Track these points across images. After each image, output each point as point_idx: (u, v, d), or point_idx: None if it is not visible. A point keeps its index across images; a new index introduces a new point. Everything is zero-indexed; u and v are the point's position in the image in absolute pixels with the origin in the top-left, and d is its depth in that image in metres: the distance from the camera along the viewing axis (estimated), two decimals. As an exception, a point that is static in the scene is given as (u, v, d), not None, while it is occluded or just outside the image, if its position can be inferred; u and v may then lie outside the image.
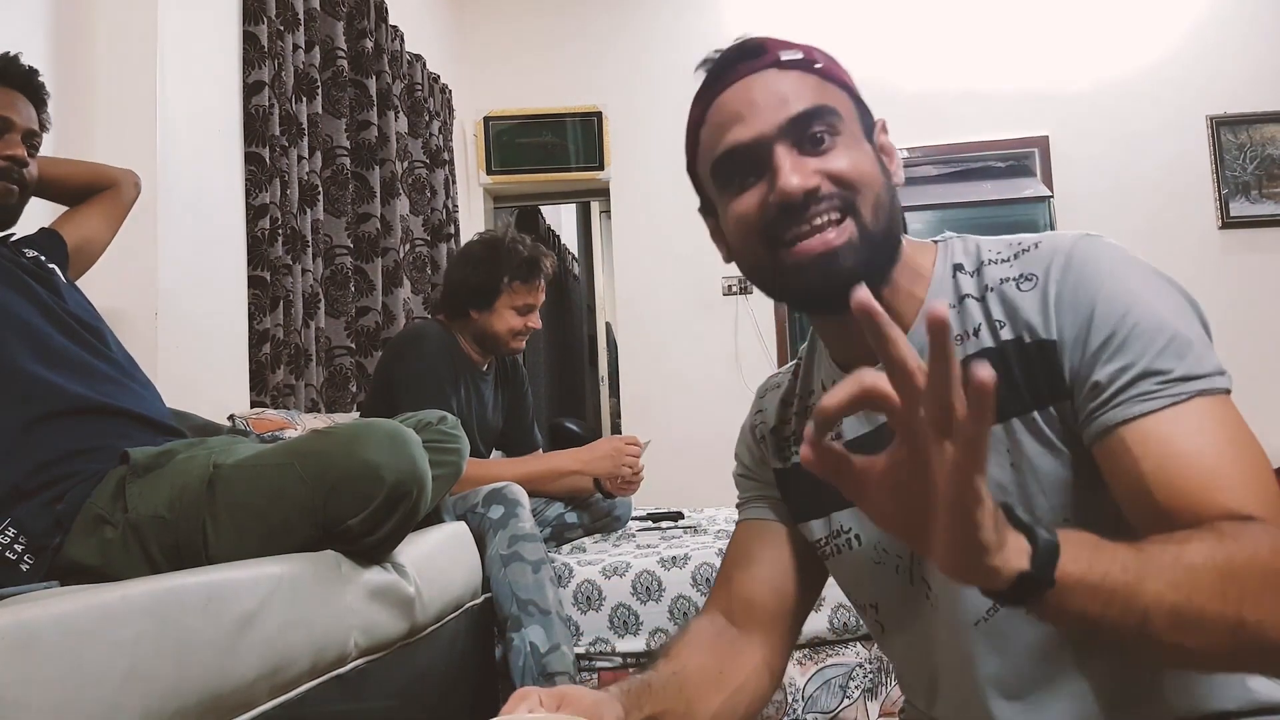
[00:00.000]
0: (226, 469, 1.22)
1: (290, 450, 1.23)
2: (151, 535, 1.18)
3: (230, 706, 0.91)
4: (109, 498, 1.22)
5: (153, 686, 0.79)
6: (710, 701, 0.89)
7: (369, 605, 1.20)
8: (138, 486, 1.22)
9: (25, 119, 1.36)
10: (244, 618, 0.93)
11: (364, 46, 3.05)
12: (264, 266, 2.35)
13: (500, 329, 2.26)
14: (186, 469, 1.24)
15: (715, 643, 0.94)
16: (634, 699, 0.83)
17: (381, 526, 1.20)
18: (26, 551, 1.16)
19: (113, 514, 1.20)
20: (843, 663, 1.79)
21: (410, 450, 1.21)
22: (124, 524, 1.19)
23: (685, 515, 2.67)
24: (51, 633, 0.72)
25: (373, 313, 2.98)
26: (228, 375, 2.26)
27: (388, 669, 1.25)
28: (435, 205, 3.63)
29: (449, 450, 1.59)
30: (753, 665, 0.94)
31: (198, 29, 2.23)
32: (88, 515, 1.21)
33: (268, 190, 2.38)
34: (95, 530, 1.20)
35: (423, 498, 1.23)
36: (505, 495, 1.96)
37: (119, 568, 1.17)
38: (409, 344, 2.25)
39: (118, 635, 0.77)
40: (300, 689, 1.03)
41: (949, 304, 0.81)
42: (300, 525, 1.17)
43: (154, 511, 1.19)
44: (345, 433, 1.23)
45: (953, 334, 0.57)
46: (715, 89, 0.84)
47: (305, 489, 1.17)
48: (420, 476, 1.22)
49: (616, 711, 0.79)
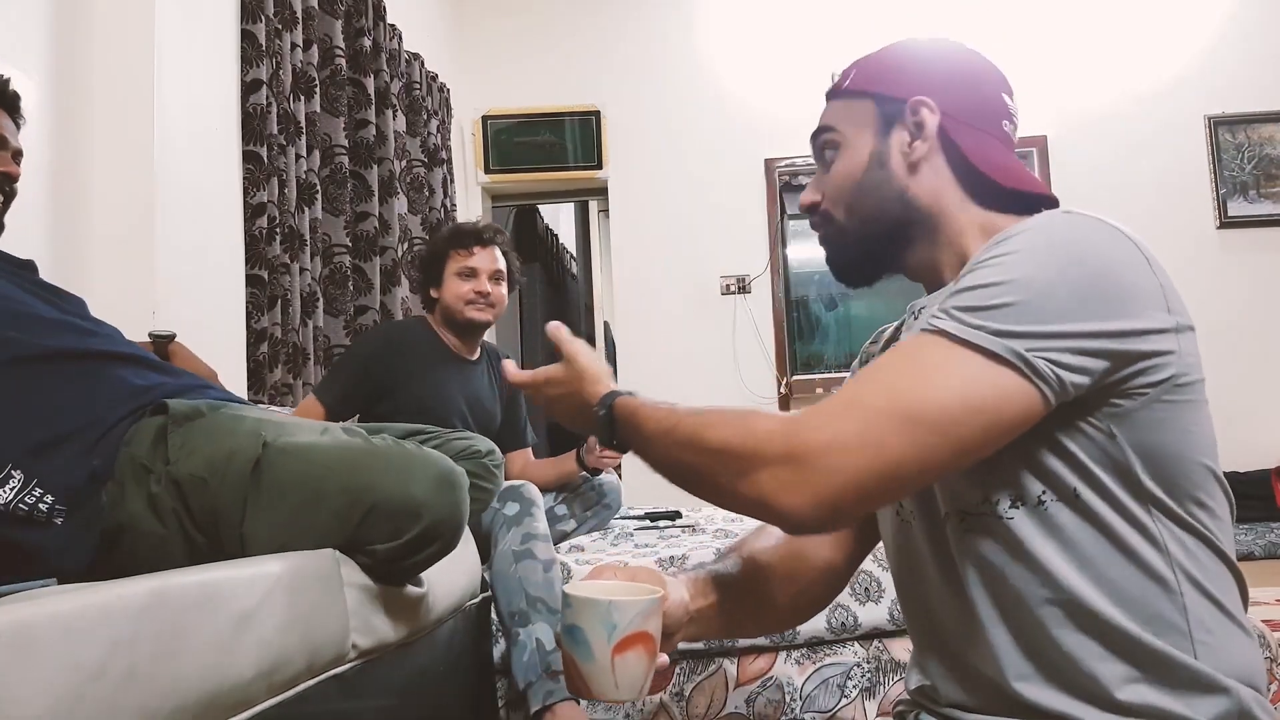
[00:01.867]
0: (275, 451, 1.19)
1: (341, 456, 1.20)
2: (192, 493, 1.17)
3: (228, 705, 0.90)
4: (149, 447, 1.19)
5: (150, 685, 0.79)
6: (775, 595, 1.02)
7: (368, 605, 1.20)
8: (180, 436, 1.20)
9: (13, 137, 1.41)
10: (242, 616, 0.93)
11: (362, 45, 3.04)
12: (262, 265, 2.35)
13: (450, 298, 2.35)
14: (234, 432, 1.21)
15: (786, 542, 1.06)
16: (700, 586, 0.98)
17: (407, 559, 1.19)
18: (58, 504, 1.14)
19: (154, 464, 1.18)
20: (841, 662, 1.79)
21: (457, 495, 1.19)
22: (165, 476, 1.17)
23: (683, 514, 2.67)
24: (49, 631, 0.72)
25: (371, 311, 2.98)
26: (226, 374, 2.25)
27: (386, 668, 1.25)
28: (433, 204, 3.63)
29: (483, 489, 1.61)
30: (817, 568, 1.05)
31: (195, 27, 2.22)
32: (131, 465, 1.18)
33: (265, 189, 2.38)
34: (143, 482, 1.18)
35: (455, 541, 1.22)
36: (522, 494, 1.96)
37: (171, 528, 1.16)
38: (360, 337, 2.41)
39: (116, 634, 0.77)
40: (299, 688, 1.03)
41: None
42: (330, 532, 1.16)
43: (194, 470, 1.17)
44: (398, 458, 1.20)
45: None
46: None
47: (344, 500, 1.15)
48: (459, 523, 1.20)
49: (684, 594, 0.93)
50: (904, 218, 0.92)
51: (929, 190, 0.92)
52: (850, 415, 0.73)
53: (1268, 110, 4.24)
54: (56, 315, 1.31)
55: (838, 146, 0.95)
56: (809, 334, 4.54)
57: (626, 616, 0.74)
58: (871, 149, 0.93)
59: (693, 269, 4.39)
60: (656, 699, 1.77)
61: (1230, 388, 4.19)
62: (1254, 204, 4.25)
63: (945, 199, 0.92)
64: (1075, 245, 0.75)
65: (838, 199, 0.95)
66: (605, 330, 4.79)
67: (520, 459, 2.52)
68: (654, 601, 0.76)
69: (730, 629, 1.03)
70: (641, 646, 0.75)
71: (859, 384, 0.76)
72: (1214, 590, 0.77)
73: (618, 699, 0.77)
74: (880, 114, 0.94)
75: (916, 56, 0.96)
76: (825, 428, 0.73)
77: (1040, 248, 0.75)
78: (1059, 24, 4.36)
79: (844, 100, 0.97)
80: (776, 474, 0.72)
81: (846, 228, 0.95)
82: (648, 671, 0.76)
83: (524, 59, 4.57)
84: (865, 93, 0.95)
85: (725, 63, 4.47)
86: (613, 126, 4.49)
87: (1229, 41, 4.28)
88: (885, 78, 0.95)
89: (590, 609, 0.75)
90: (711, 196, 4.37)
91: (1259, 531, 3.66)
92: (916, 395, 0.72)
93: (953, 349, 0.73)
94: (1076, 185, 4.24)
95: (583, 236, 5.50)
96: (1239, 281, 4.20)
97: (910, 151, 0.92)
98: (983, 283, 0.74)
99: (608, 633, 0.74)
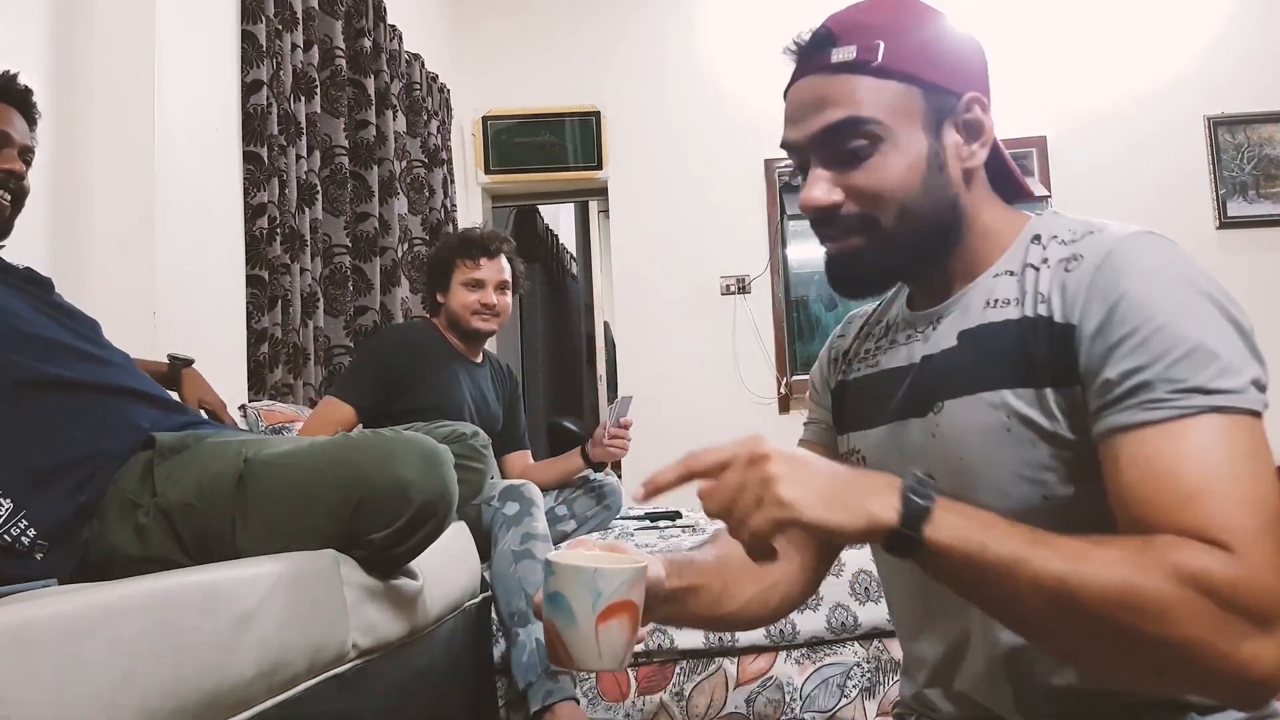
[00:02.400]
0: (257, 464, 1.20)
1: (323, 455, 1.22)
2: (181, 520, 1.18)
3: (228, 705, 0.91)
4: (136, 481, 1.21)
5: (151, 685, 0.79)
6: (745, 588, 0.96)
7: (368, 604, 1.20)
8: (165, 469, 1.21)
9: (21, 135, 1.39)
10: (242, 616, 0.93)
11: (362, 46, 3.04)
12: (262, 266, 2.35)
13: (456, 307, 2.37)
14: (217, 456, 1.23)
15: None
16: (676, 568, 0.91)
17: (405, 543, 1.20)
18: (39, 539, 1.15)
19: (141, 497, 1.19)
20: (840, 662, 1.79)
21: (442, 471, 1.20)
22: (153, 508, 1.18)
23: (683, 514, 2.67)
24: (49, 631, 0.72)
25: (371, 312, 2.98)
26: (226, 374, 2.26)
27: (386, 668, 1.25)
28: (433, 204, 3.63)
29: (472, 469, 1.61)
30: (789, 567, 0.99)
31: (196, 28, 2.22)
32: (118, 500, 1.20)
33: (266, 189, 2.38)
34: (128, 515, 1.19)
35: (449, 518, 1.23)
36: (522, 493, 1.96)
37: (157, 552, 1.16)
38: (367, 338, 2.43)
39: (116, 634, 0.77)
40: (298, 688, 1.03)
41: (1010, 270, 0.82)
42: (325, 531, 1.17)
43: (183, 498, 1.18)
44: (380, 446, 1.21)
45: (1005, 297, 0.80)
46: (790, 79, 0.88)
47: (335, 496, 1.16)
48: (449, 498, 1.21)
49: (659, 570, 0.87)
50: (952, 227, 0.84)
51: (978, 199, 0.85)
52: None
53: (1268, 110, 4.24)
54: (69, 340, 1.32)
55: (880, 141, 0.80)
56: (809, 334, 4.54)
57: (612, 585, 0.73)
58: (927, 149, 0.81)
59: (693, 269, 4.38)
60: (657, 699, 1.77)
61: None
62: (1254, 204, 4.25)
63: (987, 208, 0.86)
64: (1205, 281, 0.74)
65: (887, 203, 0.81)
66: (605, 330, 4.79)
67: (520, 461, 2.54)
68: (639, 570, 0.76)
69: (702, 616, 0.97)
70: (626, 615, 0.74)
71: (1229, 487, 0.65)
72: None
73: (600, 668, 0.76)
74: (929, 107, 0.82)
75: (948, 35, 0.85)
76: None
77: (1190, 293, 0.72)
78: (1059, 24, 4.36)
79: (876, 81, 0.81)
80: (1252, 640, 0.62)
81: (895, 236, 0.82)
82: (630, 641, 0.76)
83: (524, 59, 4.57)
84: (909, 76, 0.81)
85: (725, 63, 4.47)
86: (613, 126, 4.49)
87: (1229, 41, 4.28)
88: (931, 62, 0.82)
89: (575, 576, 0.74)
90: (711, 196, 4.37)
91: (1259, 531, 3.65)
92: (1261, 495, 0.65)
93: (1235, 422, 0.67)
94: (1076, 185, 4.24)
95: (583, 237, 5.50)
96: (1239, 281, 4.12)
97: (967, 157, 0.83)
98: (1189, 347, 0.69)
99: (593, 600, 0.73)
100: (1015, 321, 0.79)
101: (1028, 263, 0.81)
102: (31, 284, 1.39)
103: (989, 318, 0.81)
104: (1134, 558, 0.63)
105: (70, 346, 1.31)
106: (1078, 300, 0.75)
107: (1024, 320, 0.78)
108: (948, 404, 0.82)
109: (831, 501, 0.67)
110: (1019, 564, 0.64)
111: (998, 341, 0.79)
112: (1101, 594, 0.62)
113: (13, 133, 1.39)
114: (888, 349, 0.93)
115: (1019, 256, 0.82)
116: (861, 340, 1.00)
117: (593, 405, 4.95)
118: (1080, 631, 0.65)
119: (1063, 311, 0.75)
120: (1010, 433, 0.77)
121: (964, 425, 0.80)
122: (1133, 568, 0.62)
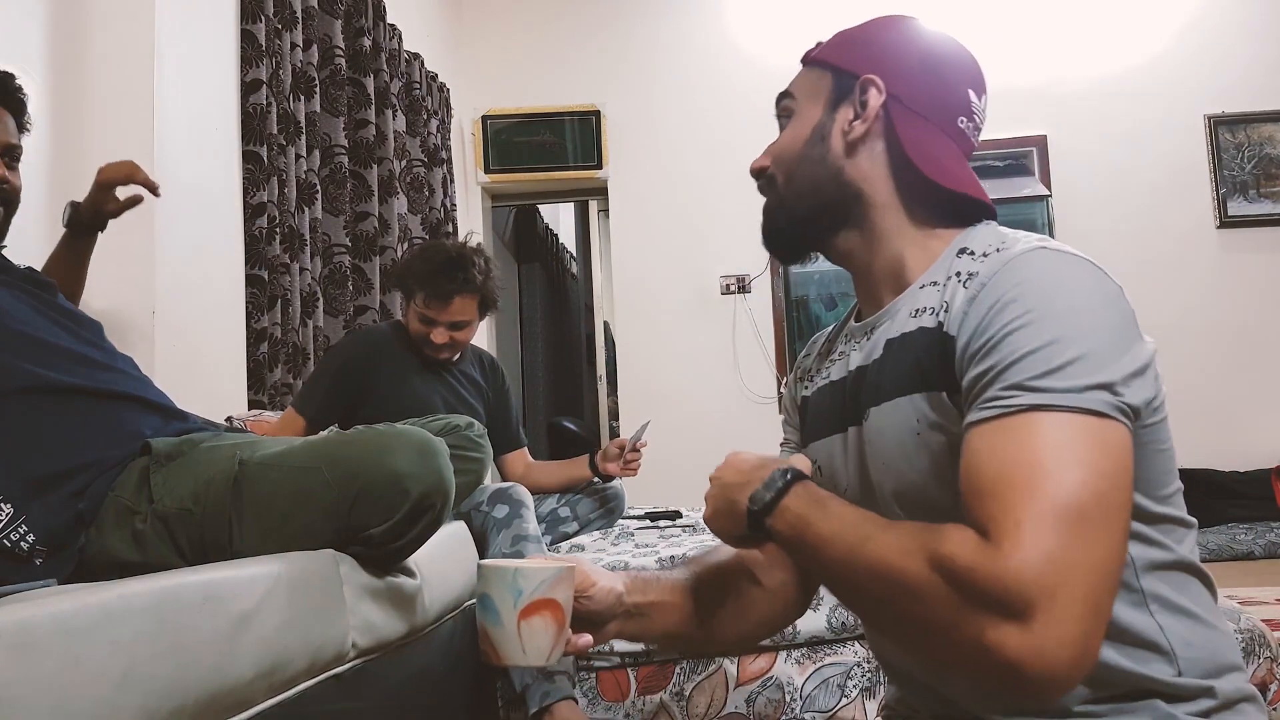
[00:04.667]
0: (252, 466, 1.21)
1: (317, 453, 1.22)
2: (179, 527, 1.18)
3: (228, 705, 0.91)
4: (133, 488, 1.21)
5: (151, 685, 0.79)
6: (718, 610, 0.97)
7: (367, 604, 1.20)
8: (161, 476, 1.21)
9: (7, 134, 1.37)
10: (242, 617, 0.93)
11: (362, 45, 3.04)
12: (262, 265, 2.35)
13: (412, 329, 2.29)
14: (211, 460, 1.23)
15: (735, 558, 0.99)
16: (639, 584, 0.94)
17: (404, 536, 1.20)
18: (39, 544, 1.15)
19: (138, 504, 1.20)
20: (841, 662, 1.79)
21: (438, 462, 1.21)
22: (150, 515, 1.19)
23: (683, 514, 2.67)
24: (49, 632, 0.72)
25: (370, 311, 2.98)
26: (225, 374, 2.26)
27: (385, 668, 1.25)
28: (433, 204, 3.63)
29: (471, 459, 1.60)
30: (773, 585, 0.98)
31: (195, 27, 2.22)
32: (115, 507, 1.20)
33: (265, 189, 2.38)
34: (125, 522, 1.19)
35: (446, 510, 1.23)
36: (510, 495, 1.96)
37: (154, 558, 1.16)
38: (330, 348, 2.39)
39: (116, 634, 0.77)
40: (298, 688, 1.03)
41: (934, 281, 0.85)
42: (324, 528, 1.17)
43: (180, 504, 1.19)
44: (374, 440, 1.21)
45: (927, 306, 0.83)
46: None
47: (331, 494, 1.16)
48: (446, 490, 1.21)
49: (617, 585, 0.91)
50: (836, 198, 0.91)
51: (862, 175, 0.90)
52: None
53: (1268, 110, 4.24)
54: (73, 345, 1.32)
55: (791, 114, 0.95)
56: (809, 334, 4.53)
57: (532, 583, 0.78)
58: (817, 121, 0.92)
59: (693, 269, 4.39)
60: (657, 699, 1.77)
61: (1230, 387, 4.21)
62: (1254, 203, 4.25)
63: (876, 188, 0.90)
64: (1084, 289, 0.74)
65: (780, 165, 0.94)
66: (605, 330, 4.79)
67: (520, 460, 2.50)
68: (559, 570, 0.80)
69: (673, 635, 0.96)
70: (548, 613, 0.79)
71: (1019, 481, 0.66)
72: (1187, 603, 0.77)
73: (526, 664, 0.80)
74: (835, 87, 0.92)
75: (884, 34, 0.94)
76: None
77: (1059, 299, 0.72)
78: (1059, 24, 4.36)
79: (809, 69, 0.96)
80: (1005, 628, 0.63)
81: (784, 197, 0.94)
82: (555, 639, 0.80)
83: (524, 59, 4.57)
84: (826, 64, 0.94)
85: (725, 62, 4.47)
86: (612, 126, 4.49)
87: (1229, 41, 4.28)
88: (846, 51, 0.93)
89: (497, 576, 0.79)
90: (711, 196, 4.37)
91: (1259, 531, 3.65)
92: (1066, 490, 0.65)
93: (1058, 419, 0.67)
94: (1076, 184, 4.24)
95: (583, 236, 5.50)
96: (1239, 281, 4.20)
97: (850, 130, 0.90)
98: (1033, 347, 0.70)
99: (514, 598, 0.77)
100: (929, 330, 0.81)
101: (952, 273, 0.83)
102: (33, 285, 1.38)
103: (910, 326, 0.84)
104: (907, 543, 0.68)
105: (72, 351, 1.30)
106: (962, 314, 0.77)
107: (935, 329, 0.81)
108: (872, 411, 0.86)
109: (726, 515, 0.82)
110: (827, 544, 0.73)
111: (913, 349, 0.82)
112: (872, 572, 0.69)
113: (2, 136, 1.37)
114: (836, 361, 0.96)
115: (945, 267, 0.85)
116: (821, 357, 1.02)
117: (593, 405, 4.95)
118: (882, 612, 0.72)
119: (950, 323, 0.78)
120: (920, 436, 0.80)
121: (885, 431, 0.84)
122: (900, 552, 0.68)
